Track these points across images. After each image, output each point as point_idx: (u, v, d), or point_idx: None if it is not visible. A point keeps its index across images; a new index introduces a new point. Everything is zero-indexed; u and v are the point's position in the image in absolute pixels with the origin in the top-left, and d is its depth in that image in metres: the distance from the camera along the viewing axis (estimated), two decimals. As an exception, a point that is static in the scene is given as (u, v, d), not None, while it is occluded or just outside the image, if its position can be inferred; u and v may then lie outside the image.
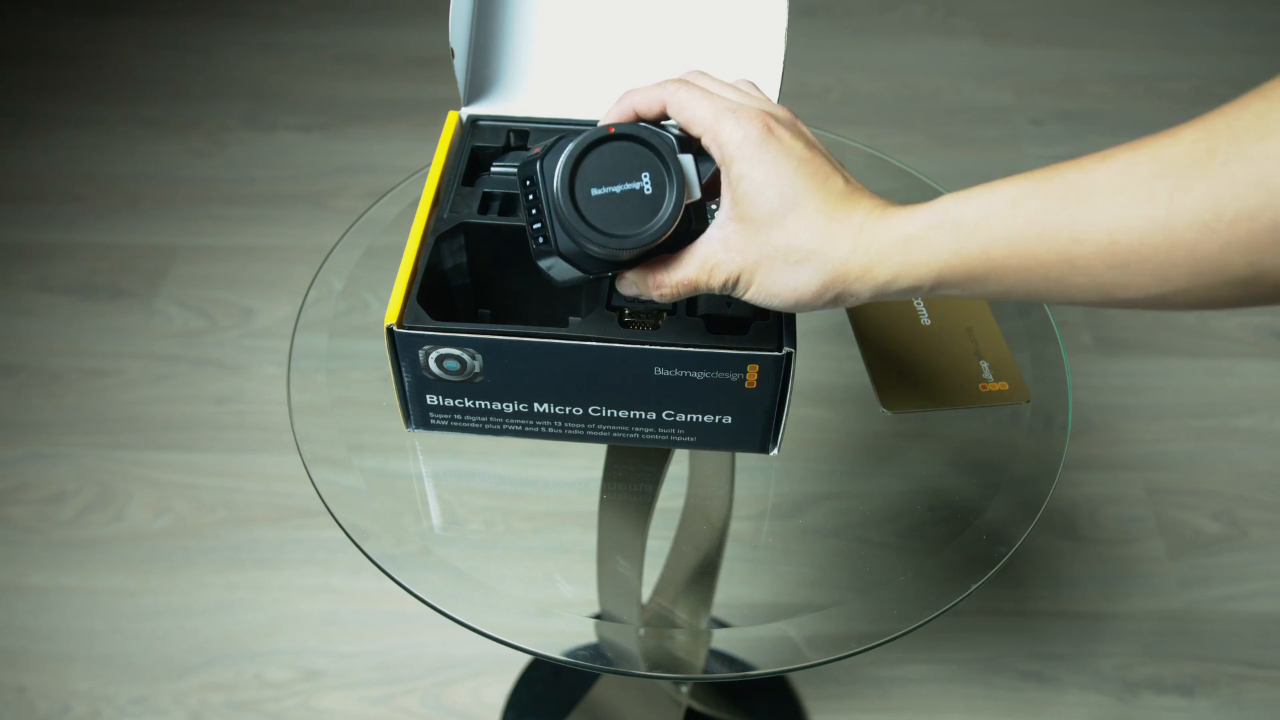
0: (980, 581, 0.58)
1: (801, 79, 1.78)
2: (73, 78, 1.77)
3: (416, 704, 1.05)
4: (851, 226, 0.41)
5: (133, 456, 1.25)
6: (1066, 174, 0.37)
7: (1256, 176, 0.33)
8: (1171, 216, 0.34)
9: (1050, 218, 0.37)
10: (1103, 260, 0.36)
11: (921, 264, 0.39)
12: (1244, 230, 0.33)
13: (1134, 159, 0.36)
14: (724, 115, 0.42)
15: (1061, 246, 0.37)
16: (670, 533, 0.76)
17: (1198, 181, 0.34)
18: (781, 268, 0.42)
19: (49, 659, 1.08)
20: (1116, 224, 0.35)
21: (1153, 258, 0.35)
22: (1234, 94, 0.37)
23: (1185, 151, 0.34)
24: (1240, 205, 0.33)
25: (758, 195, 0.41)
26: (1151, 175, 0.35)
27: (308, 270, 1.43)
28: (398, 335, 0.50)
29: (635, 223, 0.43)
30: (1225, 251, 0.34)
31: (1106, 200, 0.36)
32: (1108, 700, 1.07)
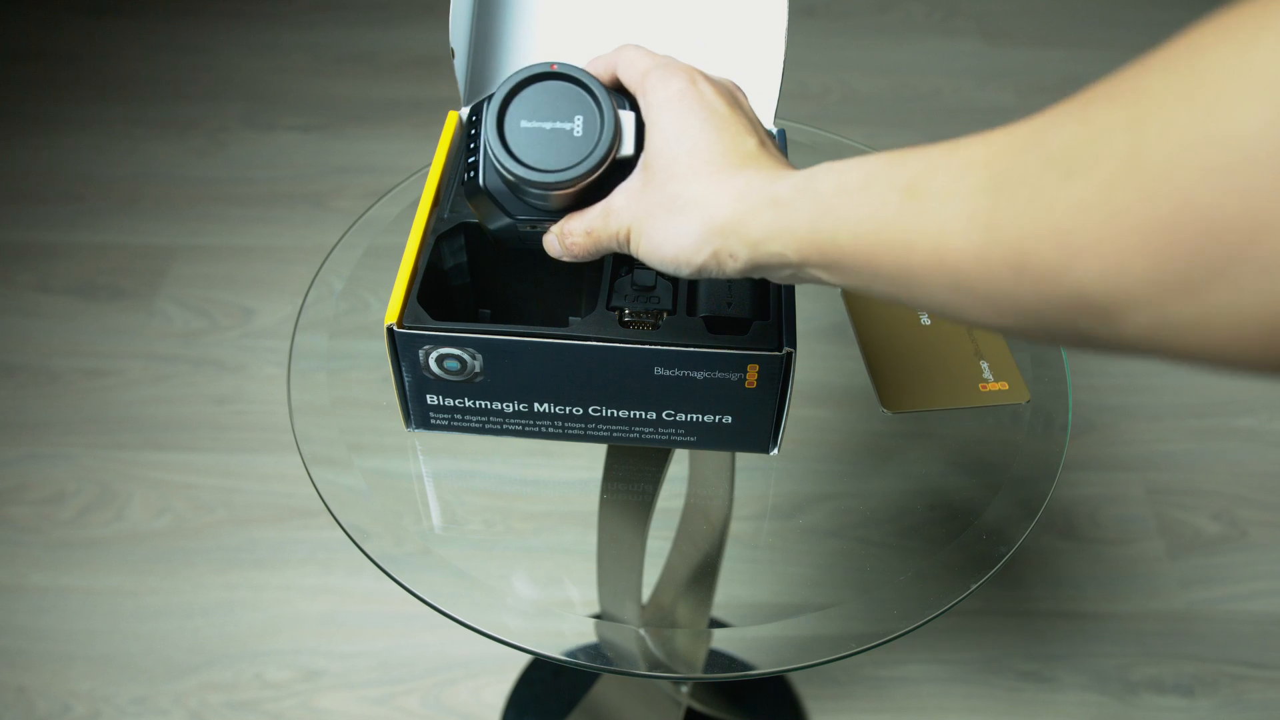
0: (980, 581, 0.58)
1: (801, 79, 1.78)
2: (73, 78, 1.77)
3: (416, 704, 1.05)
4: (740, 181, 0.38)
5: (133, 456, 1.25)
6: (917, 158, 0.33)
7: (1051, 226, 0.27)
8: (988, 247, 0.29)
9: (887, 211, 0.33)
10: (934, 276, 0.31)
11: (785, 231, 0.36)
12: (1047, 290, 0.28)
13: (973, 157, 0.31)
14: (654, 70, 0.42)
15: (897, 251, 0.32)
16: (670, 533, 0.76)
17: (1016, 200, 0.28)
18: (665, 217, 0.40)
19: (49, 659, 1.08)
20: (941, 237, 0.31)
21: (978, 287, 0.30)
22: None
23: (1020, 150, 0.29)
24: (1043, 259, 0.27)
25: (664, 145, 0.41)
26: (982, 183, 0.30)
27: (308, 270, 1.43)
28: (398, 335, 0.50)
29: (557, 161, 0.42)
30: (1040, 305, 0.28)
31: (938, 205, 0.31)
32: (1108, 700, 1.07)
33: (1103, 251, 0.25)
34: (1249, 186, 0.22)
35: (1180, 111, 0.24)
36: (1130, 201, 0.24)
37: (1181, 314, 0.24)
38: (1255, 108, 0.22)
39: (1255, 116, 0.22)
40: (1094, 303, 0.26)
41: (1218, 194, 0.23)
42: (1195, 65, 0.24)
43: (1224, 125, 0.22)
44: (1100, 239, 0.25)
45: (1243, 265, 0.23)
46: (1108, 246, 0.25)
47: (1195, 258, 0.23)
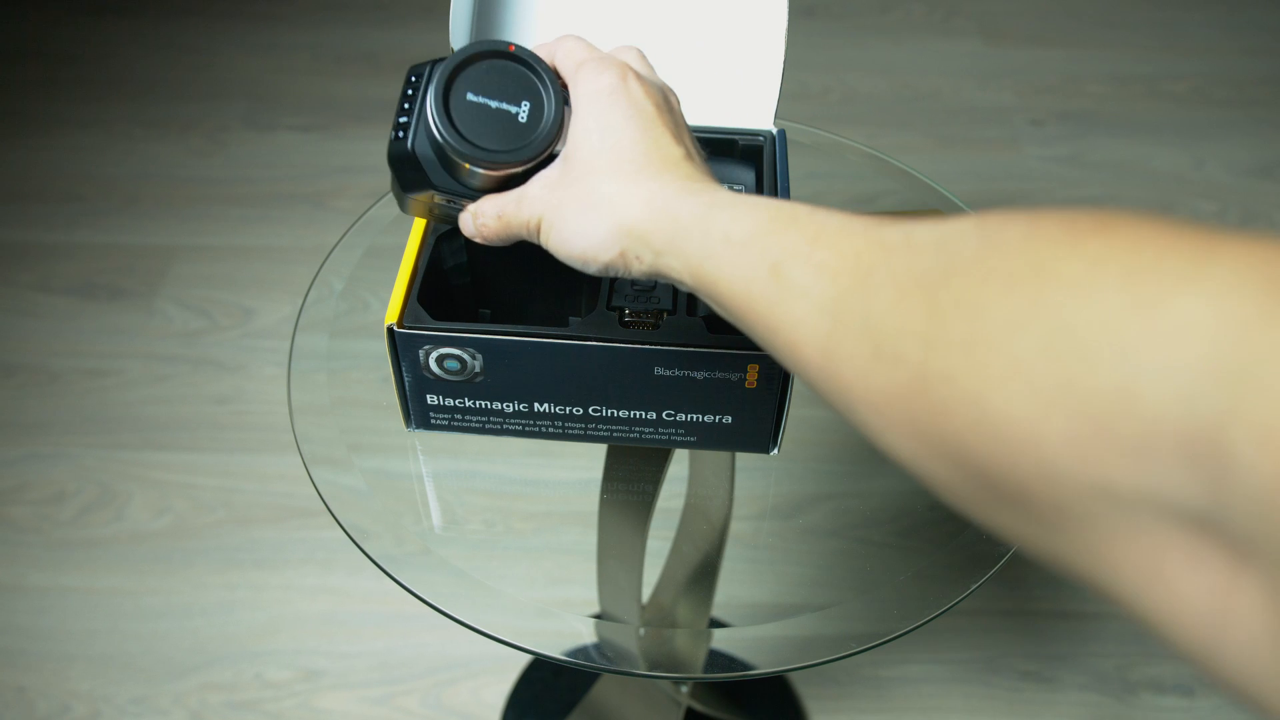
0: (980, 581, 0.58)
1: (801, 79, 1.78)
2: (73, 78, 1.77)
3: (416, 704, 1.05)
4: (654, 187, 0.38)
5: (133, 456, 1.25)
6: (790, 232, 0.33)
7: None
8: (825, 372, 0.31)
9: (757, 283, 0.33)
10: (793, 363, 0.33)
11: (680, 253, 0.37)
12: (865, 435, 0.30)
13: (826, 264, 0.31)
14: (588, 63, 0.42)
15: (762, 324, 0.33)
16: (670, 533, 0.76)
17: (842, 347, 0.30)
18: (578, 211, 0.39)
19: (49, 659, 1.08)
20: (795, 334, 0.32)
21: (820, 393, 0.32)
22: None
23: (855, 290, 0.30)
24: (860, 418, 0.30)
25: (585, 139, 0.40)
26: (827, 301, 0.31)
27: (308, 270, 1.43)
28: (398, 335, 0.50)
29: (493, 140, 0.42)
30: None
31: (793, 300, 0.32)
32: (1108, 700, 1.07)
33: (908, 443, 0.28)
34: (1007, 459, 0.24)
35: (961, 360, 0.25)
36: (922, 415, 0.27)
37: (975, 510, 0.27)
38: (1015, 389, 0.24)
39: (1015, 398, 0.24)
40: (910, 471, 0.29)
41: (985, 449, 0.25)
42: (981, 315, 0.25)
43: (993, 398, 0.24)
44: (905, 434, 0.28)
45: (1013, 508, 0.26)
46: (912, 443, 0.28)
47: (976, 489, 0.26)
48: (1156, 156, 1.66)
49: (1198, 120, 1.73)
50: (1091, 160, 1.65)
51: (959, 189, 1.47)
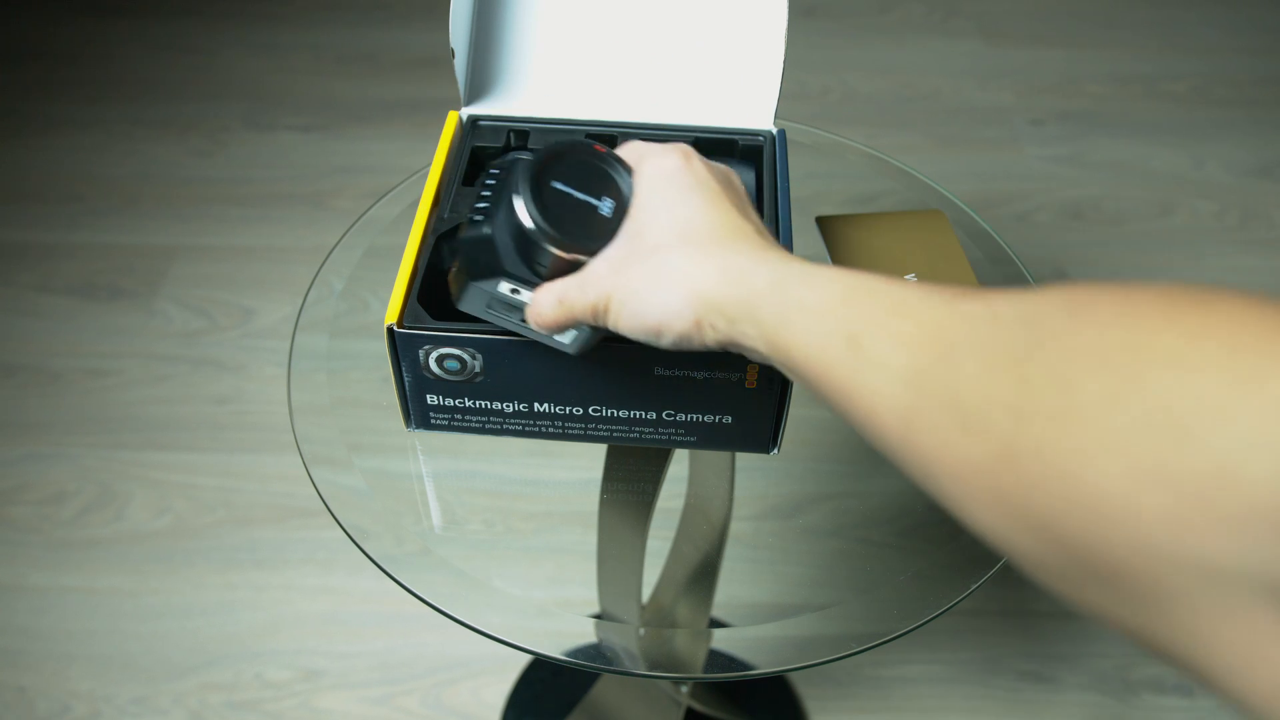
0: (980, 581, 0.58)
1: (801, 79, 1.78)
2: (73, 78, 1.77)
3: (416, 704, 1.05)
4: (727, 258, 0.39)
5: (133, 456, 1.25)
6: (866, 303, 0.34)
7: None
8: (906, 442, 0.31)
9: (833, 351, 0.34)
10: (869, 432, 0.33)
11: (755, 323, 0.37)
12: (948, 506, 0.30)
13: (907, 335, 0.32)
14: (651, 150, 0.44)
15: (839, 393, 0.34)
16: (670, 533, 0.76)
17: (924, 418, 0.30)
18: (651, 285, 0.40)
19: (49, 659, 1.08)
20: (874, 403, 0.32)
21: (899, 461, 0.32)
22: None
23: (938, 361, 0.30)
24: (943, 487, 0.30)
25: (652, 218, 0.41)
26: (908, 373, 0.31)
27: (308, 270, 1.43)
28: (398, 335, 0.50)
29: (573, 230, 0.42)
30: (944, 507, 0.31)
31: (872, 371, 0.32)
32: (1108, 700, 1.07)
33: (993, 516, 0.28)
34: (1100, 535, 0.24)
35: (1053, 434, 0.25)
36: (1010, 487, 0.27)
37: (1063, 587, 0.27)
38: (1110, 464, 0.24)
39: (1110, 473, 0.24)
40: (993, 544, 0.29)
41: (1076, 524, 0.25)
42: (1073, 389, 0.25)
43: (1086, 472, 0.24)
44: (989, 506, 0.28)
45: (1104, 585, 0.25)
46: (997, 516, 0.28)
47: (1066, 564, 0.26)
48: (1156, 156, 1.66)
49: (1198, 120, 1.73)
50: (1091, 160, 1.65)
51: (959, 189, 1.47)
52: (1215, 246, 1.53)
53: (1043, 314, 0.28)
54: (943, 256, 0.65)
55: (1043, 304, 0.28)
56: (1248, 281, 1.48)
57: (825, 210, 0.67)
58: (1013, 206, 1.58)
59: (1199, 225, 1.56)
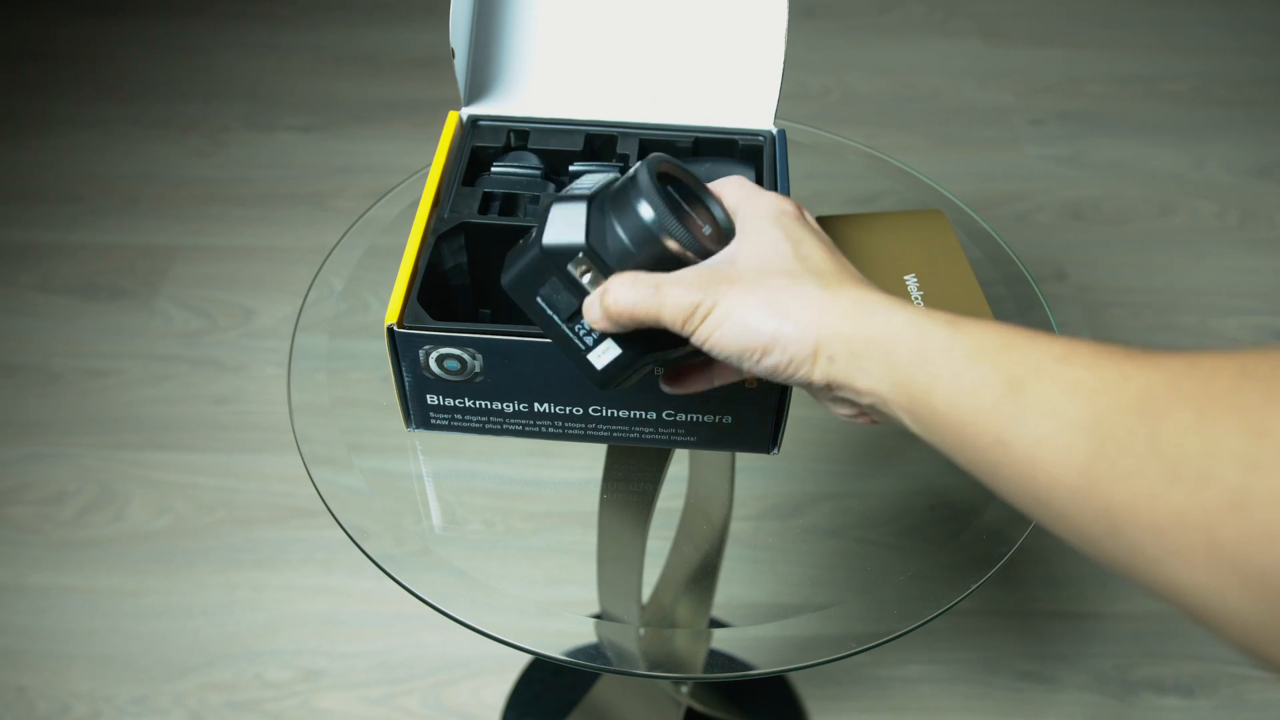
0: (980, 581, 0.58)
1: (801, 79, 1.78)
2: (73, 78, 1.77)
3: (416, 704, 1.05)
4: (864, 292, 0.38)
5: (133, 456, 1.25)
6: (1029, 350, 0.33)
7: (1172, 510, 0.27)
8: (1082, 492, 0.29)
9: (988, 395, 0.33)
10: (1022, 484, 0.32)
11: (886, 359, 0.36)
12: (1139, 562, 0.28)
13: (1081, 382, 0.31)
14: (761, 191, 0.44)
15: (989, 441, 0.33)
16: (670, 533, 0.76)
17: (1116, 467, 0.28)
18: (762, 307, 0.38)
19: (49, 659, 1.08)
20: (1036, 452, 0.31)
21: (1067, 519, 0.30)
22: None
23: (1129, 410, 0.29)
24: (1138, 540, 0.28)
25: (774, 248, 0.40)
26: (1086, 420, 0.30)
27: (308, 270, 1.43)
28: (398, 335, 0.50)
29: (693, 224, 0.42)
30: (1130, 565, 0.29)
31: (1039, 417, 0.31)
32: (1108, 700, 1.07)
33: (1200, 571, 0.26)
34: None
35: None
36: (1232, 540, 0.25)
37: (1273, 650, 0.25)
38: None
39: None
40: (1187, 602, 0.27)
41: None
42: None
43: None
44: (1199, 560, 0.26)
45: None
46: (1206, 571, 0.26)
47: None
48: (1156, 156, 1.66)
49: (1198, 120, 1.73)
50: (1091, 160, 1.65)
51: (959, 189, 1.47)
52: (1215, 246, 1.53)
53: (1264, 365, 0.27)
54: (943, 256, 0.64)
55: (1259, 356, 0.27)
56: (1247, 281, 1.48)
57: (825, 210, 0.67)
58: (1013, 206, 1.58)
59: (1199, 225, 1.56)
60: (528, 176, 0.59)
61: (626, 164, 0.59)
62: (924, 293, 0.63)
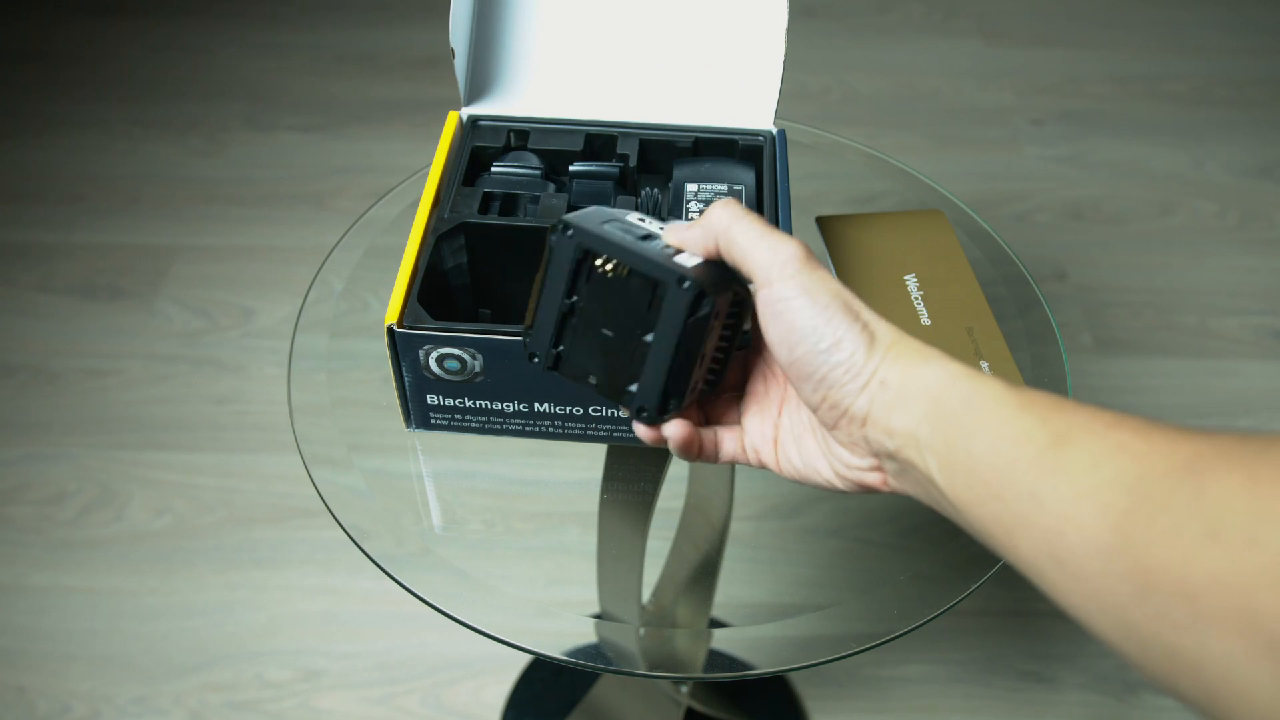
0: (980, 581, 0.58)
1: (801, 79, 1.78)
2: (73, 78, 1.76)
3: (416, 704, 1.05)
4: (901, 338, 0.38)
5: (133, 456, 1.25)
6: (1075, 412, 0.32)
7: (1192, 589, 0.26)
8: (1113, 550, 0.29)
9: (1030, 448, 0.32)
10: (1046, 541, 0.31)
11: (934, 400, 0.36)
12: (1163, 632, 0.27)
13: (1127, 444, 0.30)
14: (764, 238, 0.40)
15: (1022, 494, 0.32)
16: (670, 533, 0.76)
17: (1154, 525, 0.28)
18: (838, 301, 0.38)
19: (49, 659, 1.08)
20: (1071, 508, 0.30)
21: (1088, 580, 0.30)
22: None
23: (1175, 471, 0.28)
24: (1167, 603, 0.27)
25: (797, 311, 0.38)
26: (1128, 479, 0.29)
27: (308, 270, 1.43)
28: (398, 335, 0.50)
29: None
30: (1151, 635, 0.28)
31: (1078, 472, 0.30)
32: (1108, 700, 1.07)
33: (1230, 639, 0.25)
34: None
35: None
36: (1272, 609, 0.24)
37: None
38: None
39: None
40: (1208, 675, 0.26)
41: None
42: None
43: None
44: (1231, 627, 0.25)
45: None
46: (1236, 639, 0.25)
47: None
48: (1156, 156, 1.66)
49: (1198, 120, 1.73)
50: (1091, 160, 1.65)
51: (959, 189, 1.47)
52: (1215, 246, 1.53)
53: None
54: (943, 256, 0.65)
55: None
56: (1248, 281, 1.48)
57: (825, 210, 0.67)
58: (1013, 206, 1.58)
59: (1199, 225, 1.56)
60: (528, 176, 0.58)
61: (626, 164, 0.59)
62: (924, 293, 0.63)
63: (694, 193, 0.57)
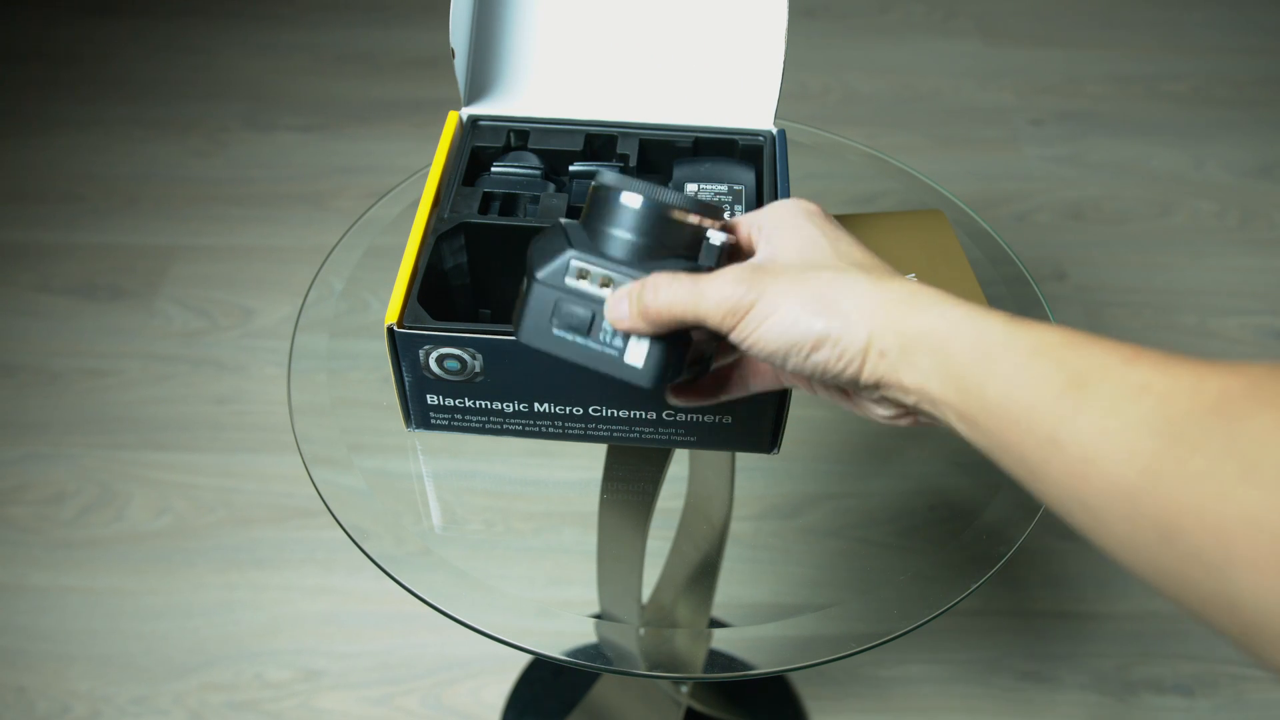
0: (980, 581, 0.58)
1: (801, 79, 1.78)
2: (73, 78, 1.77)
3: (416, 704, 1.05)
4: (910, 287, 0.37)
5: (133, 456, 1.25)
6: (1092, 351, 0.32)
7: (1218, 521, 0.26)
8: (1141, 495, 0.28)
9: (1047, 391, 0.31)
10: (1070, 484, 0.31)
11: (940, 351, 0.35)
12: (1192, 571, 0.27)
13: (1150, 384, 0.29)
14: (775, 203, 0.43)
15: (1041, 439, 0.31)
16: (670, 533, 0.76)
17: (1185, 466, 0.27)
18: (821, 302, 0.37)
19: (49, 659, 1.08)
20: (1092, 451, 0.30)
21: (1114, 524, 0.29)
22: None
23: (1205, 411, 0.27)
24: (1197, 544, 0.27)
25: (810, 243, 0.39)
26: (1155, 421, 0.28)
27: (308, 270, 1.43)
28: (398, 335, 0.50)
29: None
30: (1179, 575, 0.28)
31: (1099, 415, 0.30)
32: (1108, 700, 1.07)
33: (1266, 578, 0.25)
34: None
35: None
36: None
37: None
38: None
39: None
40: (1242, 616, 0.26)
41: None
42: None
43: None
44: (1267, 567, 0.25)
45: None
46: (1273, 578, 0.25)
47: None
48: (1156, 156, 1.66)
49: (1198, 120, 1.73)
50: (1091, 160, 1.65)
51: (959, 189, 1.47)
52: (1215, 246, 1.53)
53: None
54: (943, 256, 0.65)
55: None
56: (1248, 281, 1.48)
57: (825, 210, 0.67)
58: (1013, 206, 1.58)
59: (1199, 225, 1.56)
60: (528, 176, 0.59)
61: (626, 164, 0.59)
62: (924, 293, 0.63)
63: (694, 193, 0.58)
